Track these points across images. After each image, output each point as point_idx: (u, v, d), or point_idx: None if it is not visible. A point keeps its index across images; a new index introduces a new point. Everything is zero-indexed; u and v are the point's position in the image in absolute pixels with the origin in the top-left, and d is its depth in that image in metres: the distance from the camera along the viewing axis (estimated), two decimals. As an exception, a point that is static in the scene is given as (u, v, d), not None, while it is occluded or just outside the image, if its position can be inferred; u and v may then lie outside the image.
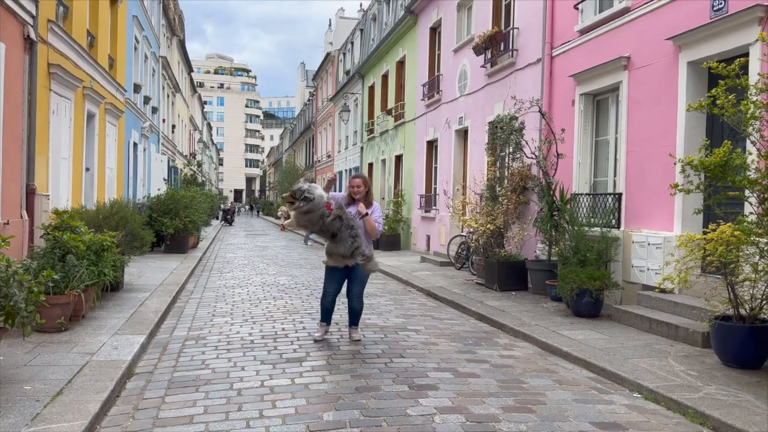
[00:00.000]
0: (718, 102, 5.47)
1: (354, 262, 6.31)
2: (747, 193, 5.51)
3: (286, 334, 6.99)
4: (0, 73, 7.93)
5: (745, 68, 5.95)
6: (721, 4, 6.89)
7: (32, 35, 8.91)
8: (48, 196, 9.78)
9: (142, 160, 20.39)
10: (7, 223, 8.01)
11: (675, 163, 6.27)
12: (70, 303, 6.34)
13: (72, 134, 11.36)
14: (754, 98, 5.34)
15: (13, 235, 6.17)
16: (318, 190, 6.14)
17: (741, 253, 5.47)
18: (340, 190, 29.50)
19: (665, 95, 7.80)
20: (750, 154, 5.62)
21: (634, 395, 5.00)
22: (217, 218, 40.03)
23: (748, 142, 5.72)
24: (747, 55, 6.43)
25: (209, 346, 6.42)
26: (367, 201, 6.60)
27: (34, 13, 8.90)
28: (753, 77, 5.93)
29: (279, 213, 31.36)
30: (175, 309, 8.53)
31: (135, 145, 18.83)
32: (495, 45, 12.60)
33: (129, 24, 17.10)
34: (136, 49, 18.80)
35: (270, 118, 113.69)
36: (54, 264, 6.51)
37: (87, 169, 12.83)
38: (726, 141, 5.53)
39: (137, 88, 18.79)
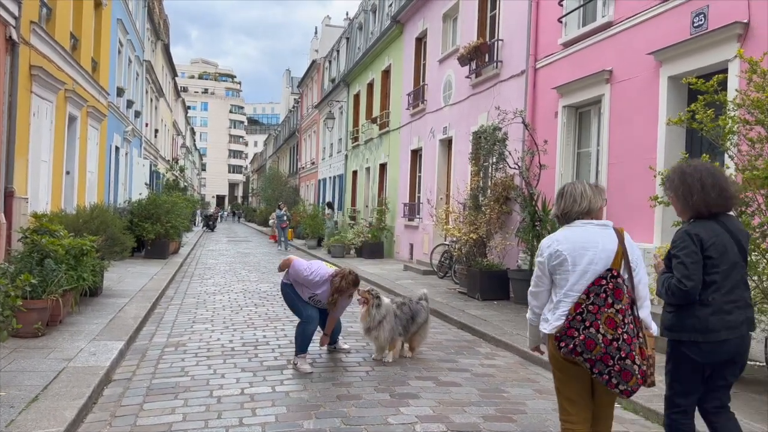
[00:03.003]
0: (697, 117, 5.57)
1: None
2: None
3: (267, 342, 6.95)
4: (-20, 74, 7.83)
5: (723, 84, 6.07)
6: (701, 20, 7.03)
7: (14, 36, 8.80)
8: (27, 199, 9.64)
9: (124, 164, 20.19)
10: (-16, 226, 7.88)
11: (655, 176, 6.37)
12: (47, 308, 6.25)
13: (53, 137, 11.22)
14: (732, 113, 5.45)
15: (-10, 238, 6.08)
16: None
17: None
18: (326, 197, 29.38)
19: (646, 109, 7.92)
20: (728, 168, 5.72)
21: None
22: (198, 224, 39.67)
23: (726, 156, 5.83)
24: (726, 71, 6.56)
25: (189, 352, 6.36)
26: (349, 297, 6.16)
27: (16, 14, 8.80)
28: (731, 93, 6.05)
29: (271, 221, 30.76)
30: (154, 315, 8.43)
31: (117, 148, 18.65)
32: (480, 56, 12.72)
33: (113, 27, 16.98)
34: (119, 52, 18.66)
35: (254, 124, 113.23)
36: (32, 268, 6.40)
37: (67, 173, 12.67)
38: (705, 154, 5.63)
39: (120, 92, 18.64)
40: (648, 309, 3.13)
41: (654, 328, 3.16)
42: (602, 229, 3.14)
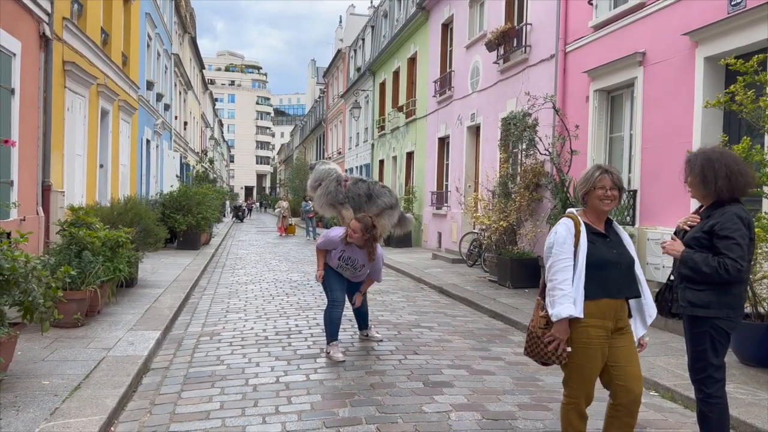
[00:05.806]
0: (736, 98, 5.41)
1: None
2: (765, 190, 5.46)
3: (299, 331, 7.01)
4: (16, 71, 8.01)
5: (763, 64, 5.88)
6: (739, -2, 6.80)
7: (47, 33, 8.97)
8: (63, 192, 9.86)
9: (155, 156, 20.50)
10: (24, 220, 8.09)
11: (692, 160, 6.19)
12: (86, 299, 6.39)
13: (86, 131, 11.44)
14: (774, 94, 5.28)
15: (31, 231, 6.24)
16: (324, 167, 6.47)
17: (759, 251, 5.42)
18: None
19: (681, 91, 7.72)
20: (769, 150, 5.56)
21: (651, 393, 4.97)
22: (227, 215, 40.15)
23: (766, 138, 5.66)
24: (766, 50, 6.34)
25: (224, 342, 6.45)
26: (369, 252, 5.91)
27: (49, 11, 8.96)
28: (772, 73, 5.85)
29: (277, 209, 30.60)
30: (188, 305, 8.57)
31: (148, 141, 18.94)
32: (508, 41, 12.54)
33: (142, 21, 17.18)
34: (148, 46, 18.89)
35: (281, 115, 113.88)
36: (70, 260, 6.55)
37: (101, 166, 12.92)
38: (745, 137, 5.46)
39: (150, 85, 18.89)
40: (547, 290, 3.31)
41: (550, 311, 3.22)
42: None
